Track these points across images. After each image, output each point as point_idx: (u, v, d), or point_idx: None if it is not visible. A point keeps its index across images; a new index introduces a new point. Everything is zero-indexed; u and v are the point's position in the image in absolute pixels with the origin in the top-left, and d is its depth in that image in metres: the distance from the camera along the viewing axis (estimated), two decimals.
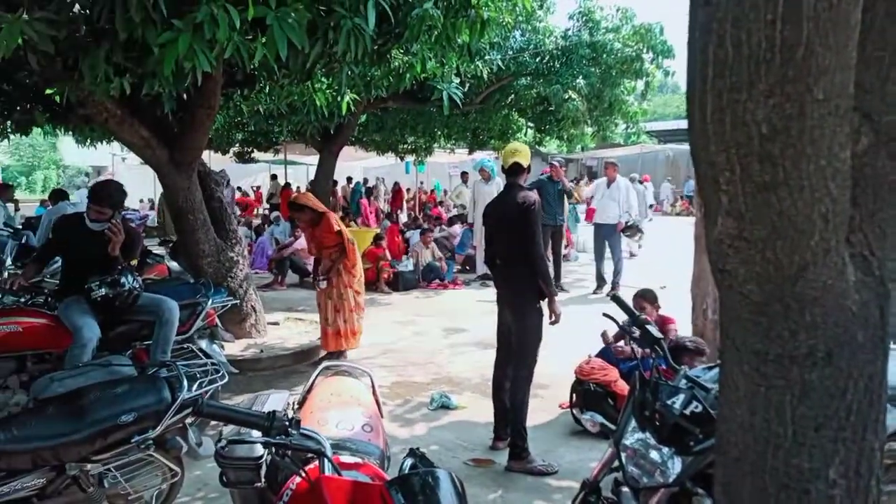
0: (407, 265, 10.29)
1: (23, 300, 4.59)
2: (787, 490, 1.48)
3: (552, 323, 4.14)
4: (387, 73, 6.31)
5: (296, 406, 2.78)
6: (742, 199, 1.26)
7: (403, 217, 18.15)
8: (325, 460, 1.65)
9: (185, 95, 5.67)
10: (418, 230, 12.52)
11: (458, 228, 12.61)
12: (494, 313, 4.43)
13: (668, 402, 2.38)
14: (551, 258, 9.77)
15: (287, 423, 1.63)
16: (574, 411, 4.65)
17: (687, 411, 2.33)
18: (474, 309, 8.36)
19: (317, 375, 2.85)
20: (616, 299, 2.89)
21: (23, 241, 6.99)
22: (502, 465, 4.07)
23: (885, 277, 1.41)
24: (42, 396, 3.01)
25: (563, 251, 11.38)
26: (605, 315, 2.95)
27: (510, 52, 11.96)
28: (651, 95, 14.03)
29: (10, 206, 10.54)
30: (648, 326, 2.68)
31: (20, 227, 8.51)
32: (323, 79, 6.61)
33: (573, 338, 5.60)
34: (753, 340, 1.46)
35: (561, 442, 4.47)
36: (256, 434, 1.68)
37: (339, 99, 6.75)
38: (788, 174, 1.20)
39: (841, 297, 1.36)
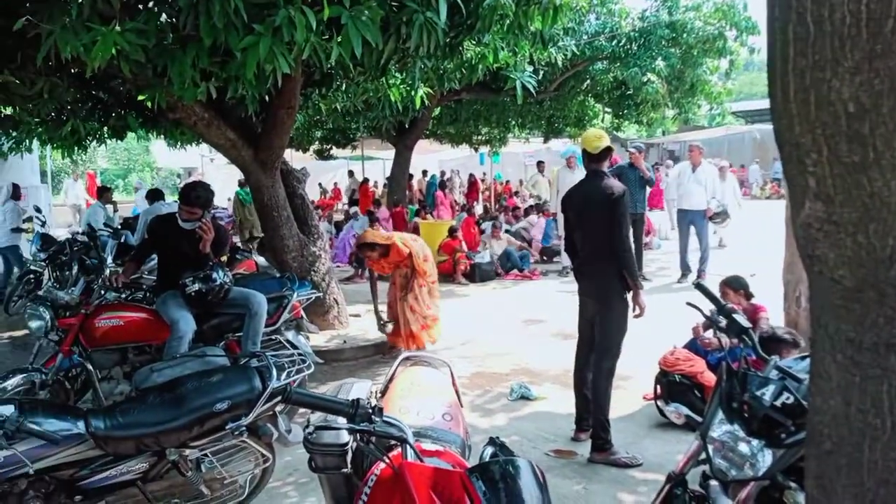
0: (483, 256, 10.32)
1: (123, 296, 4.91)
2: (887, 486, 1.40)
3: (636, 316, 4.05)
4: (459, 66, 6.33)
5: (378, 395, 2.85)
6: (830, 181, 1.20)
7: (480, 209, 18.16)
8: (408, 447, 1.69)
9: (266, 97, 5.89)
10: (492, 221, 12.51)
11: (534, 218, 12.51)
12: (574, 304, 4.38)
13: (758, 393, 2.29)
14: (633, 247, 9.56)
15: (370, 410, 1.69)
16: (658, 403, 4.55)
17: (778, 402, 2.24)
18: (553, 299, 8.29)
19: (398, 365, 2.91)
20: (701, 287, 2.80)
21: (121, 240, 7.46)
22: (585, 457, 4.04)
23: None
24: (143, 386, 3.21)
25: (645, 239, 11.11)
26: (689, 304, 2.86)
27: (585, 37, 11.73)
28: (736, 75, 13.42)
29: (109, 207, 11.25)
30: (735, 315, 2.59)
31: (119, 227, 9.08)
32: (397, 74, 6.70)
33: (657, 328, 5.47)
34: (847, 328, 1.39)
35: (645, 434, 4.38)
36: (342, 421, 1.74)
37: (412, 93, 6.83)
38: (880, 154, 1.13)
39: None
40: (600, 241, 4.04)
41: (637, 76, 11.11)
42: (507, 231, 12.22)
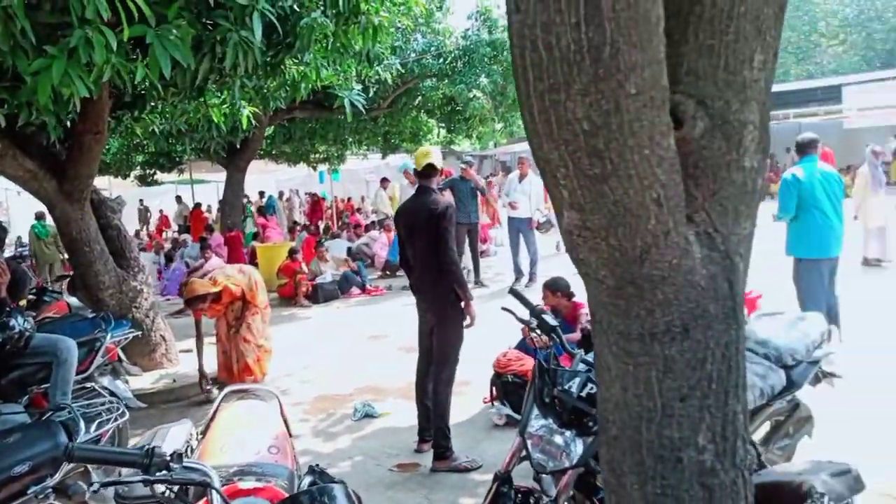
0: (326, 277, 10.16)
1: None
2: (663, 461, 1.56)
3: (467, 326, 4.18)
4: (282, 85, 6.21)
5: (199, 436, 2.70)
6: (579, 192, 1.31)
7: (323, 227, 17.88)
8: (213, 492, 1.61)
9: (68, 123, 5.40)
10: (335, 239, 12.40)
11: (376, 234, 12.56)
12: (416, 317, 4.44)
13: (566, 386, 2.45)
14: (469, 255, 9.89)
15: (168, 457, 1.58)
16: (495, 405, 4.72)
17: (583, 393, 2.41)
18: (399, 314, 8.35)
19: (220, 402, 2.77)
20: (513, 292, 2.96)
21: None
22: (428, 467, 4.09)
23: (731, 251, 1.50)
24: None
25: (482, 247, 11.55)
26: (503, 309, 3.01)
27: (413, 55, 12.03)
28: None
29: None
30: (544, 315, 2.76)
31: None
32: (217, 94, 6.45)
33: (494, 331, 5.67)
34: (617, 322, 1.53)
35: (484, 436, 4.53)
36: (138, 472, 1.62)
37: (237, 113, 6.60)
38: (616, 166, 1.26)
39: (689, 274, 1.44)
40: (429, 255, 4.13)
41: (464, 92, 11.57)
42: (349, 248, 12.16)
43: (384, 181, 16.11)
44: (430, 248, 4.11)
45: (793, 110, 22.98)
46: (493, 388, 4.74)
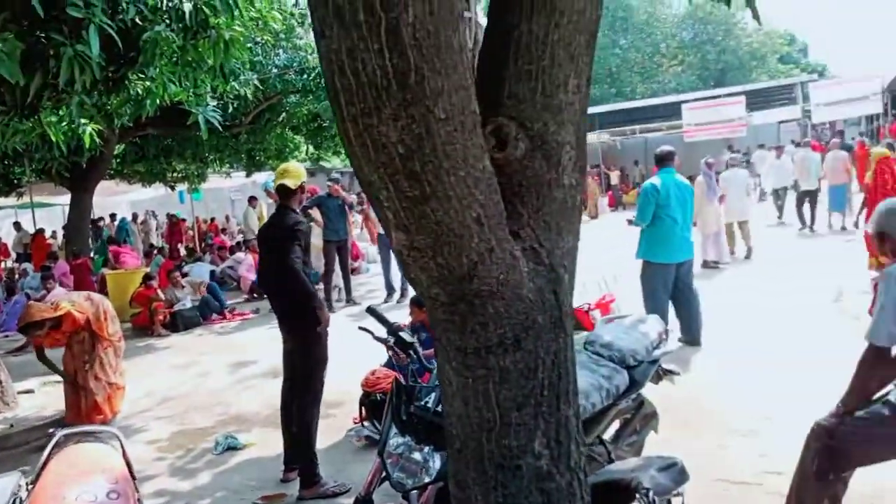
0: (185, 303, 9.62)
1: None
2: (503, 470, 1.61)
3: (319, 329, 4.05)
4: (125, 101, 5.85)
5: (29, 487, 2.45)
6: (403, 214, 1.34)
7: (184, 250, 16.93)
8: None
9: None
10: (197, 262, 11.79)
11: (241, 255, 12.09)
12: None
13: (423, 402, 2.48)
14: (340, 273, 9.77)
15: None
16: (365, 425, 4.67)
17: (439, 408, 2.44)
18: (264, 338, 8.05)
19: (52, 447, 2.54)
20: (370, 310, 2.95)
21: None
22: (295, 496, 3.96)
23: (556, 264, 1.59)
24: None
25: (354, 264, 11.45)
26: (360, 329, 2.99)
27: (274, 70, 11.75)
28: None
29: None
30: (401, 333, 2.77)
31: None
32: (54, 111, 5.95)
33: (365, 350, 5.62)
34: (454, 337, 1.56)
35: (353, 458, 4.47)
36: None
37: (78, 132, 6.12)
38: (434, 188, 1.30)
39: (517, 288, 1.51)
40: (282, 275, 4.03)
41: (329, 109, 11.45)
42: (212, 272, 11.61)
43: (252, 199, 15.58)
44: (282, 268, 4.02)
45: (639, 126, 24.90)
46: (363, 408, 4.68)
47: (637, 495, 1.73)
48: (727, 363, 5.49)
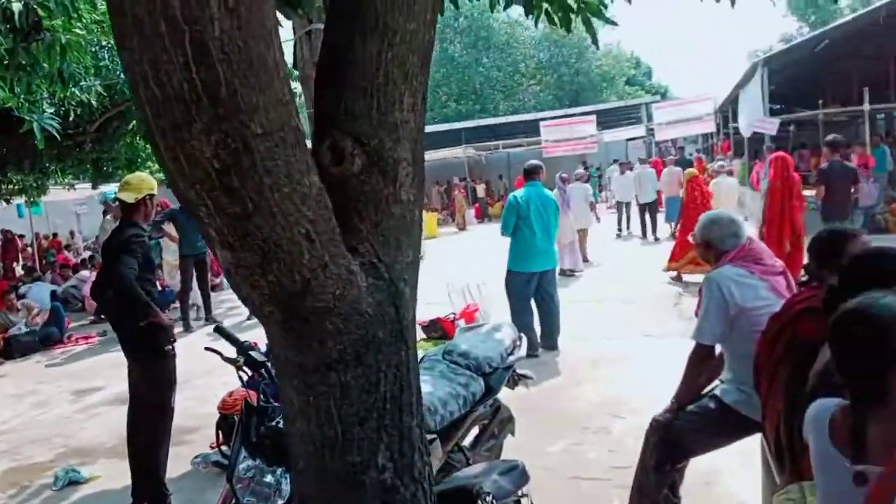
0: (19, 327, 8.72)
1: None
2: (347, 486, 1.60)
3: (143, 324, 3.75)
4: None
5: None
6: (226, 231, 1.31)
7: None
8: None
9: None
10: (36, 282, 10.75)
11: (86, 274, 11.17)
12: None
13: (275, 422, 2.41)
14: (198, 290, 9.29)
15: None
16: (222, 449, 4.45)
17: None
18: (110, 362, 7.45)
19: None
20: (219, 330, 2.84)
21: None
22: None
23: (395, 278, 1.61)
24: None
25: (215, 280, 10.92)
26: (207, 349, 2.87)
27: (122, 76, 11.00)
28: None
29: None
30: (252, 352, 2.69)
31: None
32: None
33: (225, 370, 5.38)
34: (293, 355, 1.54)
35: (209, 486, 4.24)
36: None
37: None
38: (257, 204, 1.28)
39: (356, 303, 1.51)
40: (115, 287, 3.77)
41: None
42: (53, 292, 10.63)
43: (106, 211, 14.44)
44: (115, 280, 3.77)
45: (501, 141, 25.90)
46: (220, 432, 4.47)
47: (479, 500, 1.79)
48: (582, 365, 5.82)
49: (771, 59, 14.27)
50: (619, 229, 14.76)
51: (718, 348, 3.06)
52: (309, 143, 1.53)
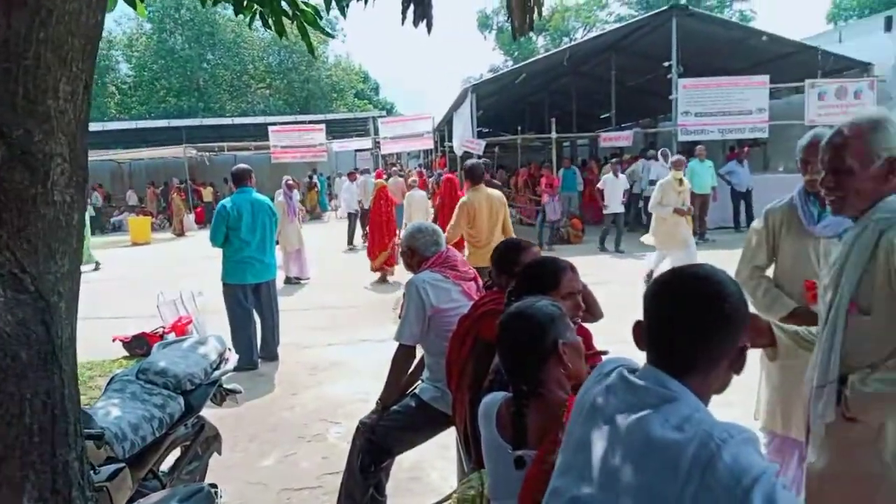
0: None
1: None
2: None
3: None
4: None
5: None
6: None
7: None
8: None
9: None
10: None
11: None
12: None
13: None
14: None
15: None
16: None
17: None
18: None
19: None
20: None
21: None
22: None
23: (46, 292, 1.40)
24: None
25: None
26: None
27: None
28: None
29: None
30: None
31: None
32: None
33: None
34: None
35: None
36: None
37: None
38: None
39: None
40: None
41: None
42: None
43: None
44: None
45: (227, 143, 24.74)
46: None
47: None
48: (302, 374, 5.77)
49: (478, 86, 15.84)
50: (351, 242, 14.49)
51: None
52: None
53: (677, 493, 1.10)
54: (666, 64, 14.56)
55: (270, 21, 3.40)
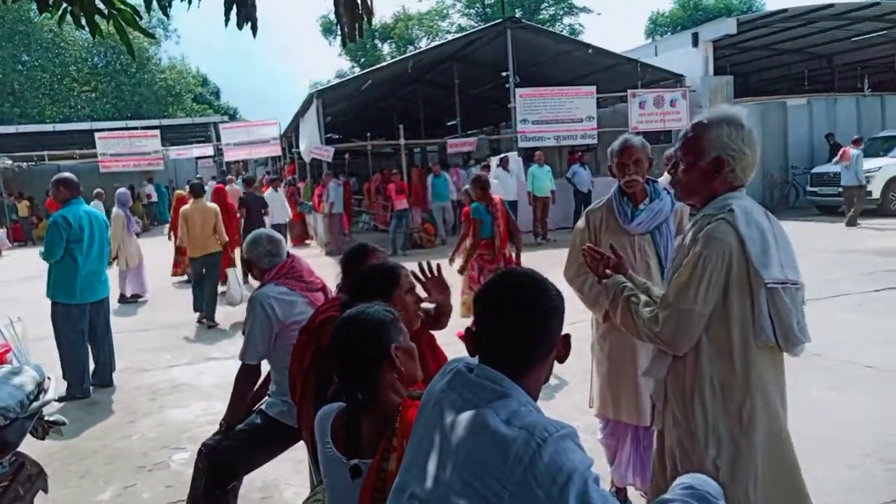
0: None
1: None
2: None
3: None
4: None
5: None
6: None
7: None
8: None
9: None
10: None
11: None
12: None
13: None
14: None
15: None
16: None
17: None
18: None
19: None
20: None
21: None
22: None
23: None
24: None
25: None
26: None
27: None
28: None
29: None
30: None
31: None
32: None
33: None
34: None
35: None
36: None
37: None
38: None
39: None
40: None
41: None
42: None
43: None
44: None
45: (48, 152, 22.44)
46: None
47: None
48: (140, 399, 5.39)
49: (324, 91, 15.65)
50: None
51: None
52: None
53: (502, 483, 1.18)
54: (504, 74, 15.27)
55: (83, 20, 3.16)
